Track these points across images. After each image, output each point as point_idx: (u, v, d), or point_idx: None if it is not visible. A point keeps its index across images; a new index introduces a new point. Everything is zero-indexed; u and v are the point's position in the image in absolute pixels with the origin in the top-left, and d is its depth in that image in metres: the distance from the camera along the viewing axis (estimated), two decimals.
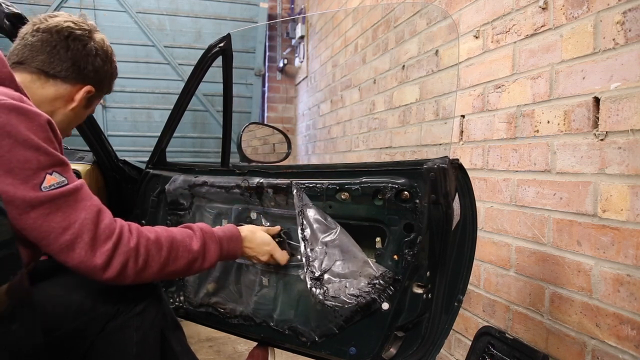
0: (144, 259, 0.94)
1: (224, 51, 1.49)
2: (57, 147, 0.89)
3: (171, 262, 1.00)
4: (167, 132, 1.60)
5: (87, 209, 0.88)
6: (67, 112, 1.09)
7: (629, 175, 1.08)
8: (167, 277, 1.03)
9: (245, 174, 1.37)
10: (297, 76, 4.49)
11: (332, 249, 1.15)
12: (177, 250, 1.01)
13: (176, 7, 4.21)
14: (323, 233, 1.16)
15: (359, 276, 1.12)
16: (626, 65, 1.09)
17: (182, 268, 1.03)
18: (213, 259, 1.09)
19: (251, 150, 1.59)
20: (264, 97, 4.67)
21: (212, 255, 1.08)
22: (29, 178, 0.81)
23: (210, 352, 2.16)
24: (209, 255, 1.07)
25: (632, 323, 1.07)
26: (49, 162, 0.84)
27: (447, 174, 1.00)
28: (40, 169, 0.82)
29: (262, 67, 4.43)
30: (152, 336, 1.13)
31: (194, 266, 1.05)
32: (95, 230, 0.87)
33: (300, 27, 4.15)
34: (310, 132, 4.02)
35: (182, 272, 1.04)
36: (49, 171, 0.83)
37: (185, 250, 1.02)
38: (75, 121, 1.15)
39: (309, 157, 4.00)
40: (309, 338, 1.22)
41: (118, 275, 0.91)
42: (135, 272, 0.93)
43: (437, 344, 1.08)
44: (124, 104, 4.14)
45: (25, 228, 0.82)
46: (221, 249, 1.10)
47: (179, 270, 1.03)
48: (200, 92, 4.23)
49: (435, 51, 1.97)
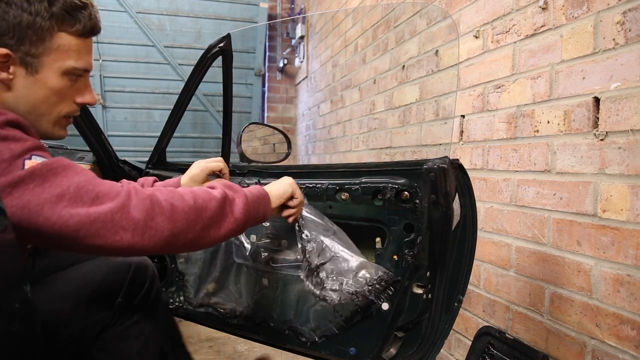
0: (170, 203, 0.79)
1: (223, 51, 1.49)
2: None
3: (203, 208, 0.83)
4: (167, 132, 1.60)
5: (80, 173, 0.75)
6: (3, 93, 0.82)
7: (629, 175, 1.08)
8: (207, 231, 0.84)
9: (245, 174, 1.37)
10: (297, 76, 4.49)
11: (329, 246, 1.15)
12: (201, 196, 0.85)
13: (176, 7, 4.21)
14: (320, 231, 1.16)
15: (355, 275, 1.12)
16: (626, 65, 1.09)
17: (215, 215, 0.85)
18: (241, 209, 0.91)
19: (251, 151, 1.59)
20: (264, 97, 4.67)
21: (238, 205, 0.91)
22: (5, 170, 0.69)
23: (210, 352, 2.16)
24: (236, 207, 0.91)
25: (632, 323, 1.07)
26: (23, 148, 0.72)
27: (447, 174, 1.00)
28: (14, 157, 0.71)
29: (262, 67, 4.43)
30: (152, 344, 1.12)
31: (226, 217, 0.88)
32: (98, 189, 0.74)
33: (300, 27, 4.15)
34: (310, 132, 4.02)
35: (216, 221, 0.86)
36: (26, 156, 0.72)
37: (208, 196, 0.86)
38: (34, 98, 0.84)
39: (309, 157, 4.00)
40: (309, 338, 1.22)
41: (147, 222, 0.75)
42: (168, 220, 0.77)
43: (437, 344, 1.08)
44: (124, 104, 4.13)
45: (15, 214, 0.69)
46: (246, 199, 0.94)
47: (214, 217, 0.85)
48: (200, 92, 4.23)
49: (435, 51, 1.97)
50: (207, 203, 0.85)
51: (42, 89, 0.83)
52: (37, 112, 0.85)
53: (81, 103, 0.91)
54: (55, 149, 1.97)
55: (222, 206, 0.87)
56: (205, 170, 1.26)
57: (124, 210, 0.74)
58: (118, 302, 1.07)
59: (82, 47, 0.86)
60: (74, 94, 0.89)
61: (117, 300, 1.08)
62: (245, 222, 0.92)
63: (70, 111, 0.90)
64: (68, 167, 0.74)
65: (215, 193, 0.88)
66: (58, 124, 0.89)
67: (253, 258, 1.31)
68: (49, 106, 0.86)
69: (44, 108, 0.86)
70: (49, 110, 0.86)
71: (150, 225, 0.76)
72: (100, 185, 0.75)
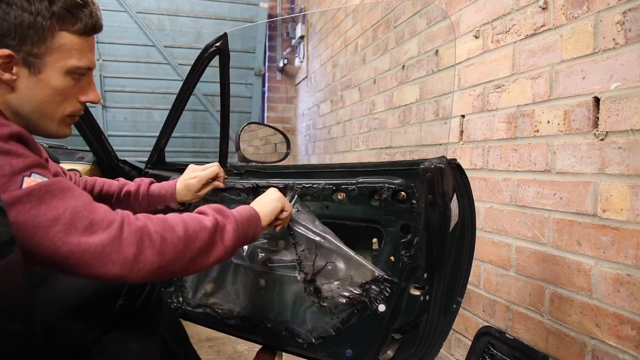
0: (160, 236, 0.79)
1: (220, 50, 1.48)
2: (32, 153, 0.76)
3: (193, 239, 0.84)
4: (166, 132, 1.60)
5: (77, 197, 0.75)
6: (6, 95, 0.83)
7: (629, 175, 1.08)
8: (194, 262, 0.85)
9: (243, 174, 1.37)
10: (297, 76, 4.49)
11: (323, 253, 1.15)
12: (192, 226, 0.85)
13: (176, 7, 4.21)
14: (312, 238, 1.16)
15: (351, 280, 1.12)
16: (626, 65, 1.09)
17: (204, 245, 0.86)
18: (231, 236, 0.92)
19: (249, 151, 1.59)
20: (264, 97, 4.68)
21: (229, 232, 0.92)
22: (4, 186, 0.69)
23: (210, 352, 2.16)
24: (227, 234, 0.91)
25: (632, 323, 1.07)
26: (24, 164, 0.72)
27: (444, 174, 0.99)
28: (14, 172, 0.71)
29: (262, 67, 4.43)
30: (152, 345, 1.12)
31: (215, 246, 0.89)
32: (92, 216, 0.74)
33: (300, 27, 4.15)
34: (310, 132, 4.02)
35: (205, 251, 0.87)
36: (26, 173, 0.72)
37: (199, 226, 0.87)
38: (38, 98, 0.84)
39: (309, 157, 4.00)
40: (306, 340, 1.21)
41: (136, 256, 0.75)
42: (157, 254, 0.78)
43: (435, 346, 1.07)
44: (124, 104, 4.14)
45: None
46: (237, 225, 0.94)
47: (203, 248, 0.86)
48: (200, 92, 4.23)
49: (435, 51, 1.97)
50: (198, 233, 0.86)
51: (46, 89, 0.84)
52: (41, 111, 0.85)
53: (85, 101, 0.91)
54: (56, 148, 1.97)
55: (212, 235, 0.88)
56: (202, 180, 1.28)
57: (114, 243, 0.74)
58: (119, 304, 1.07)
59: (84, 46, 0.86)
60: (77, 92, 0.88)
61: (118, 303, 1.07)
62: (234, 248, 0.93)
63: (75, 110, 0.90)
64: (66, 190, 0.74)
65: (206, 222, 0.88)
66: (63, 122, 0.89)
67: (250, 258, 1.31)
68: (53, 106, 0.86)
69: (48, 108, 0.86)
70: (53, 109, 0.86)
71: (139, 260, 0.76)
72: (94, 212, 0.75)
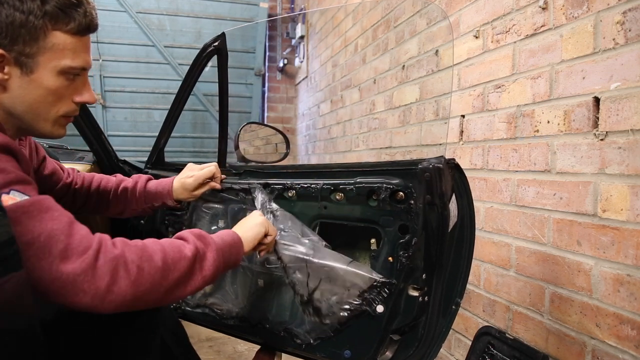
0: (137, 266, 0.77)
1: (218, 50, 1.48)
2: (17, 166, 0.74)
3: (170, 270, 0.81)
4: (165, 132, 1.60)
5: (56, 219, 0.72)
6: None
7: (629, 175, 1.08)
8: (171, 292, 0.82)
9: (241, 174, 1.37)
10: (297, 76, 4.49)
11: (316, 267, 1.14)
12: (171, 255, 0.83)
13: (176, 7, 4.21)
14: (301, 256, 1.15)
15: (348, 291, 1.11)
16: (626, 65, 1.09)
17: (182, 276, 0.83)
18: (211, 265, 0.90)
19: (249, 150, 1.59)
20: (264, 97, 4.68)
21: (209, 261, 0.90)
22: None
23: (210, 352, 2.16)
24: (207, 262, 0.89)
25: (632, 323, 1.07)
26: (4, 181, 0.69)
27: (442, 174, 0.98)
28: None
29: (262, 67, 4.43)
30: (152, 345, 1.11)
31: (194, 276, 0.86)
32: (68, 241, 0.71)
33: (300, 27, 4.15)
34: (310, 132, 4.02)
35: (183, 282, 0.84)
36: (4, 190, 0.69)
37: (178, 255, 0.84)
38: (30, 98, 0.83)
39: (309, 157, 4.00)
40: (304, 340, 1.20)
41: (109, 287, 0.72)
42: (132, 284, 0.75)
43: (434, 347, 1.06)
44: (124, 104, 4.14)
45: None
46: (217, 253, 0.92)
47: (181, 278, 0.83)
48: (200, 92, 4.23)
49: (435, 51, 1.97)
50: (177, 263, 0.83)
51: (38, 89, 0.82)
52: (34, 112, 0.84)
53: (80, 102, 0.89)
54: (56, 148, 1.97)
55: (191, 265, 0.85)
56: (198, 180, 1.28)
57: (87, 273, 0.71)
58: None
59: (79, 46, 0.84)
60: (71, 93, 0.87)
61: None
62: (213, 277, 0.90)
63: (69, 111, 0.88)
64: (44, 211, 0.71)
65: (186, 251, 0.85)
66: (57, 123, 0.88)
67: (249, 259, 1.31)
68: (46, 106, 0.84)
69: (41, 108, 0.84)
70: (47, 110, 0.85)
71: (112, 290, 0.73)
72: (71, 237, 0.72)
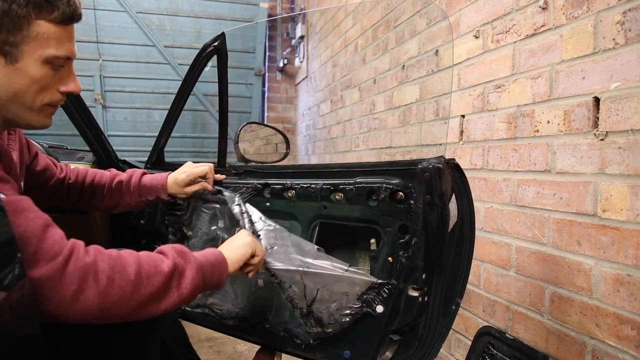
0: (107, 276, 0.74)
1: (218, 50, 1.48)
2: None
3: (143, 284, 0.79)
4: (165, 132, 1.60)
5: (30, 221, 0.70)
6: None
7: (629, 175, 1.08)
8: (143, 307, 0.80)
9: (241, 174, 1.37)
10: (297, 76, 4.49)
11: (311, 277, 1.13)
12: (146, 269, 0.81)
13: (176, 7, 4.21)
14: (294, 269, 1.14)
15: (348, 295, 1.11)
16: (626, 65, 1.09)
17: (156, 291, 0.81)
18: (189, 283, 0.87)
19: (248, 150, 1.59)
20: (264, 97, 4.68)
21: (187, 279, 0.87)
22: None
23: (210, 352, 2.16)
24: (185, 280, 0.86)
25: (632, 323, 1.07)
26: None
27: (442, 174, 0.98)
28: None
29: (262, 67, 4.43)
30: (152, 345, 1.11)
31: (169, 293, 0.83)
32: (39, 245, 0.70)
33: (300, 27, 4.15)
34: (310, 132, 4.02)
35: (157, 298, 0.81)
36: None
37: (154, 270, 0.82)
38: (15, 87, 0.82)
39: (309, 157, 4.00)
40: (304, 340, 1.20)
41: (76, 295, 0.70)
42: (99, 295, 0.73)
43: (434, 347, 1.06)
44: (124, 104, 4.14)
45: None
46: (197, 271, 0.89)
47: (154, 294, 0.81)
48: (200, 92, 4.23)
49: (435, 51, 1.97)
50: (151, 278, 0.81)
51: (23, 78, 0.81)
52: (19, 100, 0.83)
53: (65, 92, 0.88)
54: (56, 148, 1.97)
55: (167, 282, 0.83)
56: (190, 176, 1.31)
57: (53, 280, 0.69)
58: None
59: (63, 35, 0.83)
60: (57, 82, 0.86)
61: None
62: (192, 296, 0.88)
63: (54, 100, 0.87)
64: (19, 212, 0.70)
65: (163, 266, 0.83)
66: (42, 112, 0.87)
67: None
68: (30, 95, 0.83)
69: (25, 97, 0.83)
70: (31, 99, 0.84)
71: (78, 299, 0.71)
72: (44, 241, 0.71)
